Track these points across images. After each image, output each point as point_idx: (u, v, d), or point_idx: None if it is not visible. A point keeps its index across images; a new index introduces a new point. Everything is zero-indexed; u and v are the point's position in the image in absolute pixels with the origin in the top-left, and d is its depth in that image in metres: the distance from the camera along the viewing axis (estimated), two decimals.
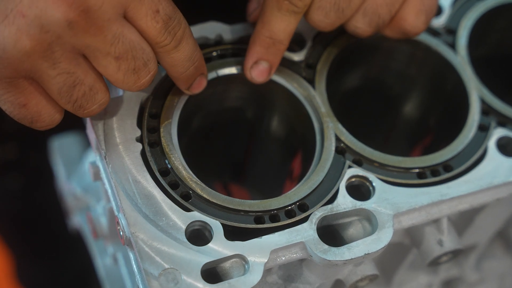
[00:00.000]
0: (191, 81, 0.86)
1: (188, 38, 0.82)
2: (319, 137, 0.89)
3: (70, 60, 0.75)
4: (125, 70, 0.77)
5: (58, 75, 0.75)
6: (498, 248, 1.09)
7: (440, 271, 1.03)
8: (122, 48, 0.76)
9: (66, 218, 1.26)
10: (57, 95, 0.77)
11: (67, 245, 1.47)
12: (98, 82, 0.78)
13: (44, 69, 0.75)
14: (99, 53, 0.76)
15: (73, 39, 0.74)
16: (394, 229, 0.83)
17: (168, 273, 0.77)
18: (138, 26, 0.78)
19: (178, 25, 0.80)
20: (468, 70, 0.95)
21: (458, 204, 0.87)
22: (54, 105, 0.78)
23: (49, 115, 0.78)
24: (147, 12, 0.77)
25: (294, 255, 0.81)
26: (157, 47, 0.80)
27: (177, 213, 0.81)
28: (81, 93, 0.77)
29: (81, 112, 0.79)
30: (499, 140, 0.90)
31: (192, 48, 0.83)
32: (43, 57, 0.74)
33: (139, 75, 0.79)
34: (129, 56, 0.77)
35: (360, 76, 1.03)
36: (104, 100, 0.79)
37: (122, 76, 0.78)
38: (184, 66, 0.83)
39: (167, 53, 0.81)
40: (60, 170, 1.20)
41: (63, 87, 0.76)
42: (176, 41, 0.81)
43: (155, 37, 0.79)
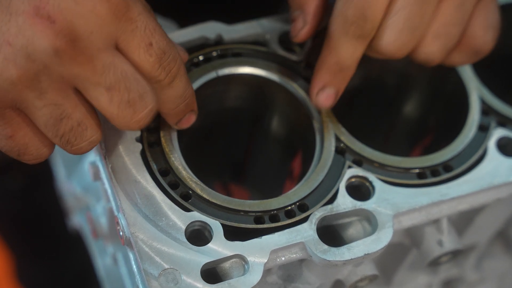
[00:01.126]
0: (181, 117, 0.84)
1: (182, 75, 0.80)
2: (319, 137, 0.89)
3: (58, 91, 0.73)
4: (119, 102, 0.74)
5: (44, 106, 0.73)
6: (498, 248, 1.08)
7: (440, 271, 1.03)
8: (113, 78, 0.73)
9: (66, 218, 1.26)
10: (43, 127, 0.74)
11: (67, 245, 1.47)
12: (88, 118, 0.75)
13: (30, 100, 0.72)
14: (89, 83, 0.73)
15: (61, 68, 0.72)
16: (394, 229, 0.83)
17: (168, 273, 0.77)
18: (131, 59, 0.75)
19: (173, 62, 0.78)
20: (468, 70, 0.95)
21: (458, 204, 0.87)
22: (42, 138, 0.76)
23: (37, 148, 0.76)
24: (140, 44, 0.75)
25: (294, 255, 0.81)
26: (151, 82, 0.78)
27: (177, 213, 0.81)
28: (68, 128, 0.74)
29: (68, 148, 0.76)
30: (499, 140, 0.90)
31: (185, 86, 0.81)
32: (29, 86, 0.72)
33: (135, 109, 0.75)
34: (121, 87, 0.74)
35: (360, 76, 1.02)
36: (94, 138, 0.77)
37: (117, 110, 0.75)
38: (176, 103, 0.81)
39: (160, 89, 0.79)
40: (60, 170, 1.20)
41: (50, 120, 0.73)
42: (170, 77, 0.78)
43: (149, 72, 0.76)
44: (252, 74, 0.92)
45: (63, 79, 0.73)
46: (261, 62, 0.92)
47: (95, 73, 0.73)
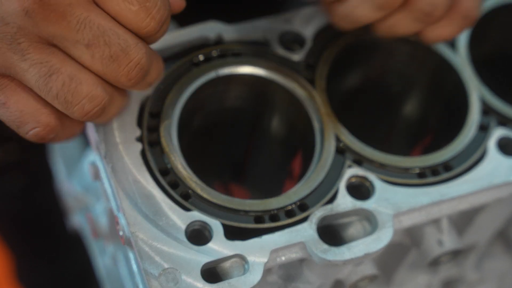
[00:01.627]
0: None
1: (168, 20, 0.77)
2: (319, 137, 0.89)
3: (40, 50, 0.72)
4: (101, 58, 0.72)
5: (30, 66, 0.72)
6: (498, 248, 1.08)
7: (440, 271, 1.03)
8: (90, 34, 0.72)
9: (66, 218, 1.26)
10: (37, 89, 0.73)
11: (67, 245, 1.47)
12: (81, 72, 0.73)
13: (16, 63, 0.72)
14: (67, 42, 0.72)
15: (35, 28, 0.71)
16: (394, 229, 0.83)
17: (168, 273, 0.77)
18: (110, 10, 0.73)
19: (159, 8, 0.74)
20: (468, 70, 0.95)
21: (458, 204, 0.87)
22: (37, 104, 0.74)
23: (33, 115, 0.74)
24: None
25: (294, 255, 0.81)
26: (139, 35, 0.75)
27: (177, 212, 0.81)
28: (59, 84, 0.72)
29: (71, 110, 0.73)
30: (499, 140, 0.90)
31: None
32: (10, 49, 0.71)
33: (119, 63, 0.73)
34: (101, 42, 0.72)
35: (360, 76, 1.03)
36: (93, 93, 0.73)
37: (101, 66, 0.73)
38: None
39: (148, 38, 0.76)
40: (60, 169, 1.20)
41: (39, 79, 0.72)
42: (158, 23, 0.75)
43: (133, 21, 0.74)
44: (252, 74, 0.92)
45: (41, 38, 0.72)
46: (261, 62, 0.92)
47: (70, 30, 0.72)
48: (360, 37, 0.95)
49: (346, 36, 0.95)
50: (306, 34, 0.94)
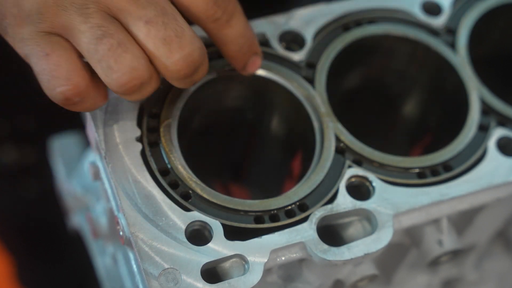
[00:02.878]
0: (246, 60, 0.85)
1: (240, 14, 0.81)
2: (319, 137, 0.89)
3: (103, 17, 0.75)
4: (155, 37, 0.75)
5: (88, 29, 0.75)
6: (498, 248, 1.08)
7: (440, 271, 1.03)
8: (152, 13, 0.75)
9: (66, 218, 1.26)
10: (85, 50, 0.76)
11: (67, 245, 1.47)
12: (131, 42, 0.76)
13: (76, 25, 0.75)
14: (131, 17, 0.76)
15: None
16: (394, 229, 0.83)
17: (168, 273, 0.77)
18: (183, 1, 0.78)
19: (231, 2, 0.79)
20: (468, 70, 0.95)
21: (458, 204, 0.87)
22: (76, 65, 0.76)
23: (67, 71, 0.76)
24: None
25: (294, 255, 0.81)
26: (207, 22, 0.79)
27: (177, 213, 0.81)
28: (108, 47, 0.75)
29: (110, 77, 0.75)
30: (499, 140, 0.90)
31: (245, 25, 0.82)
32: (77, 11, 0.75)
33: (171, 48, 0.76)
34: (159, 21, 0.76)
35: (360, 76, 1.03)
36: (135, 64, 0.75)
37: (153, 45, 0.76)
38: (238, 44, 0.82)
39: (219, 29, 0.80)
40: (60, 170, 1.20)
41: (92, 40, 0.75)
42: (227, 15, 0.79)
43: (204, 10, 0.78)
44: (252, 74, 0.92)
45: (108, 9, 0.76)
46: (261, 62, 0.92)
47: (137, 7, 0.76)
48: (361, 37, 0.95)
49: (346, 36, 0.95)
50: (306, 34, 0.94)
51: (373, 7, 0.97)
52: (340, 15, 0.96)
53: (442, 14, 0.98)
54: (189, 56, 0.77)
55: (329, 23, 0.96)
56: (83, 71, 0.77)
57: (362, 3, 0.97)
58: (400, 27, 0.97)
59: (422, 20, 0.97)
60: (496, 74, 1.04)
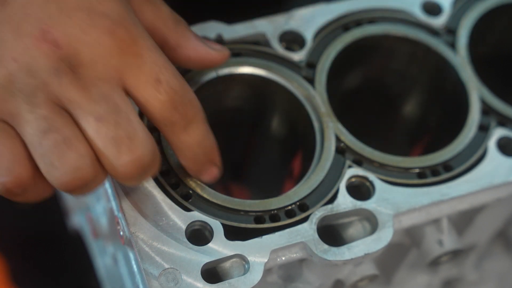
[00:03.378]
0: (200, 169, 0.81)
1: (199, 122, 0.77)
2: (319, 137, 0.89)
3: (51, 108, 0.71)
4: (104, 136, 0.71)
5: (34, 119, 0.71)
6: (498, 248, 1.08)
7: (440, 271, 1.03)
8: (104, 109, 0.71)
9: (66, 218, 1.26)
10: (29, 142, 0.71)
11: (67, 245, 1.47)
12: (78, 139, 0.71)
13: (23, 113, 0.71)
14: (81, 110, 0.71)
15: (58, 89, 0.71)
16: (394, 229, 0.83)
17: (168, 273, 0.77)
18: (139, 97, 0.74)
19: (190, 104, 0.76)
20: (468, 70, 0.95)
21: (458, 204, 0.87)
22: (20, 156, 0.72)
23: (10, 161, 0.71)
24: (147, 79, 0.73)
25: (294, 255, 0.81)
26: (163, 125, 0.75)
27: (177, 213, 0.81)
28: (52, 142, 0.70)
29: (52, 174, 0.71)
30: (499, 140, 0.90)
31: (203, 133, 0.78)
32: (25, 98, 0.71)
33: (120, 150, 0.71)
34: (110, 120, 0.71)
35: (360, 76, 1.03)
36: (79, 164, 0.71)
37: (101, 144, 0.71)
38: (192, 151, 0.79)
39: (174, 134, 0.76)
40: None
41: (36, 133, 0.71)
42: (186, 121, 0.76)
43: (159, 112, 0.74)
44: (252, 74, 0.92)
45: (58, 100, 0.72)
46: (261, 62, 0.92)
47: (89, 101, 0.71)
48: (361, 37, 0.95)
49: (346, 36, 0.95)
50: (306, 34, 0.94)
51: (373, 7, 0.97)
52: (340, 15, 0.96)
53: (442, 14, 0.98)
54: (139, 159, 0.72)
55: (329, 23, 0.96)
56: (27, 161, 0.72)
57: (362, 3, 0.97)
58: (400, 27, 0.97)
59: (422, 20, 0.97)
60: (496, 74, 1.04)
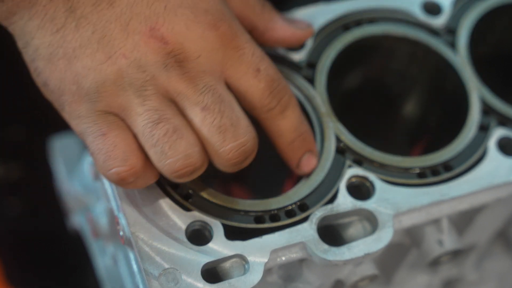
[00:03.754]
0: (298, 156, 0.85)
1: (295, 107, 0.82)
2: (319, 137, 0.89)
3: (160, 100, 0.76)
4: (210, 124, 0.76)
5: (145, 111, 0.75)
6: (498, 248, 1.08)
7: (440, 271, 1.03)
8: (210, 99, 0.76)
9: (66, 218, 1.26)
10: (140, 132, 0.76)
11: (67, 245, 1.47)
12: (186, 129, 0.76)
13: (134, 106, 0.76)
14: (188, 101, 0.76)
15: (167, 82, 0.76)
16: (394, 229, 0.83)
17: (168, 273, 0.77)
18: (240, 87, 0.79)
19: (284, 90, 0.81)
20: (468, 70, 0.94)
21: (458, 204, 0.87)
22: (133, 145, 0.76)
23: (124, 151, 0.76)
24: (247, 70, 0.79)
25: (294, 255, 0.81)
26: (261, 112, 0.81)
27: (177, 213, 0.81)
28: (163, 132, 0.75)
29: (163, 162, 0.75)
30: (499, 140, 0.90)
31: (299, 118, 0.83)
32: (135, 92, 0.75)
33: (225, 137, 0.76)
34: (215, 109, 0.76)
35: (360, 76, 1.03)
36: (190, 152, 0.76)
37: (207, 132, 0.76)
38: (290, 137, 0.83)
39: (272, 119, 0.81)
40: (60, 169, 1.20)
41: (148, 124, 0.75)
42: (282, 106, 0.81)
43: (259, 99, 0.79)
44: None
45: (166, 92, 0.76)
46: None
47: (195, 92, 0.76)
48: (361, 37, 0.95)
49: (346, 36, 0.95)
50: None
51: (373, 7, 0.97)
52: (340, 15, 0.96)
53: (442, 14, 0.98)
54: (242, 146, 0.78)
55: (329, 23, 0.96)
56: (139, 152, 0.76)
57: (362, 3, 0.97)
58: (400, 27, 0.97)
59: (422, 20, 0.97)
60: (497, 74, 1.04)
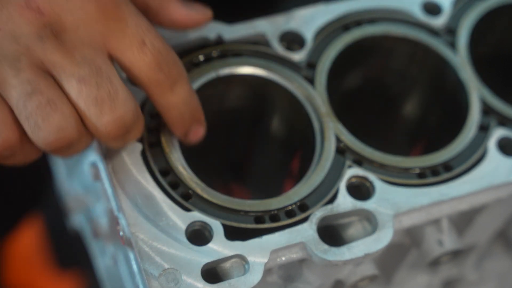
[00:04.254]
0: (187, 128, 0.84)
1: (184, 80, 0.80)
2: (319, 137, 0.89)
3: (35, 71, 0.73)
4: (86, 97, 0.73)
5: (19, 84, 0.73)
6: (498, 248, 1.08)
7: (440, 271, 1.03)
8: (86, 71, 0.73)
9: (66, 218, 1.26)
10: (14, 105, 0.73)
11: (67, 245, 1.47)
12: (61, 100, 0.73)
13: (8, 78, 0.73)
14: (64, 73, 0.73)
15: (42, 53, 0.73)
16: (394, 229, 0.83)
17: (168, 273, 0.77)
18: (125, 60, 0.76)
19: (173, 63, 0.78)
20: (468, 70, 0.95)
21: (458, 204, 0.87)
22: (8, 118, 0.73)
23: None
24: (132, 42, 0.76)
25: (294, 255, 0.81)
26: (149, 86, 0.77)
27: (177, 213, 0.81)
28: (36, 104, 0.72)
29: (37, 135, 0.72)
30: (499, 140, 0.90)
31: (189, 92, 0.80)
32: (9, 64, 0.73)
33: (101, 109, 0.73)
34: (92, 82, 0.73)
35: (360, 76, 1.03)
36: (62, 124, 0.73)
37: (84, 104, 0.73)
38: (179, 110, 0.81)
39: (161, 94, 0.78)
40: (60, 169, 1.20)
41: (21, 96, 0.72)
42: (171, 80, 0.78)
43: (145, 73, 0.76)
44: (252, 74, 0.92)
45: (42, 64, 0.73)
46: (261, 62, 0.92)
47: (72, 64, 0.73)
48: (361, 37, 0.95)
49: (346, 36, 0.95)
50: (306, 34, 0.94)
51: (373, 7, 0.97)
52: (340, 15, 0.96)
53: (442, 14, 0.98)
54: (121, 118, 0.74)
55: (329, 23, 0.96)
56: (14, 125, 0.74)
57: (362, 3, 0.97)
58: (400, 27, 0.97)
59: (422, 20, 0.97)
60: (497, 74, 1.04)
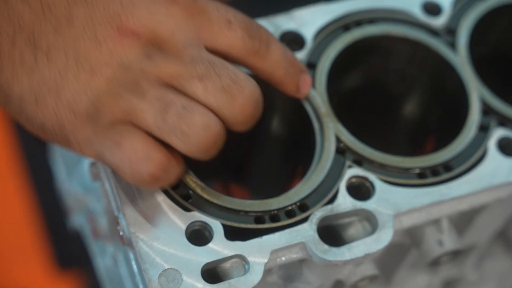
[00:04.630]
0: (296, 81, 0.86)
1: (274, 40, 0.83)
2: (319, 137, 0.89)
3: (157, 89, 0.75)
4: (213, 90, 0.75)
5: (148, 104, 0.74)
6: (498, 248, 1.08)
7: (440, 271, 1.03)
8: (203, 67, 0.75)
9: (66, 218, 1.26)
10: (154, 126, 0.74)
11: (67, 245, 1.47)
12: (194, 103, 0.75)
13: (136, 105, 0.74)
14: (184, 79, 0.75)
15: (156, 69, 0.75)
16: (395, 229, 0.83)
17: (168, 273, 0.77)
18: (221, 45, 0.79)
19: (260, 29, 0.81)
20: (468, 70, 0.94)
21: (459, 204, 0.87)
22: (151, 143, 0.75)
23: (145, 151, 0.74)
24: (220, 27, 0.78)
25: (294, 255, 0.81)
26: (249, 57, 0.80)
27: (177, 213, 0.81)
28: (175, 115, 0.74)
29: (189, 143, 0.75)
30: (499, 140, 0.90)
31: (283, 48, 0.84)
32: (131, 92, 0.74)
33: (232, 95, 0.76)
34: (212, 74, 0.75)
35: (360, 76, 1.03)
36: (207, 121, 0.75)
37: (214, 98, 0.75)
38: (283, 67, 0.83)
39: (262, 59, 0.81)
40: (60, 169, 1.20)
41: (157, 115, 0.74)
42: (265, 44, 0.81)
43: (242, 46, 0.79)
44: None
45: (160, 79, 0.75)
46: None
47: (186, 67, 0.75)
48: (361, 37, 0.95)
49: (346, 36, 0.95)
50: (306, 34, 0.94)
51: (373, 7, 0.97)
52: (340, 15, 0.96)
53: (442, 14, 0.98)
54: (252, 96, 0.78)
55: (329, 23, 0.96)
56: (158, 145, 0.75)
57: (362, 3, 0.97)
58: (400, 27, 0.97)
59: (422, 20, 0.97)
60: (497, 74, 1.04)
